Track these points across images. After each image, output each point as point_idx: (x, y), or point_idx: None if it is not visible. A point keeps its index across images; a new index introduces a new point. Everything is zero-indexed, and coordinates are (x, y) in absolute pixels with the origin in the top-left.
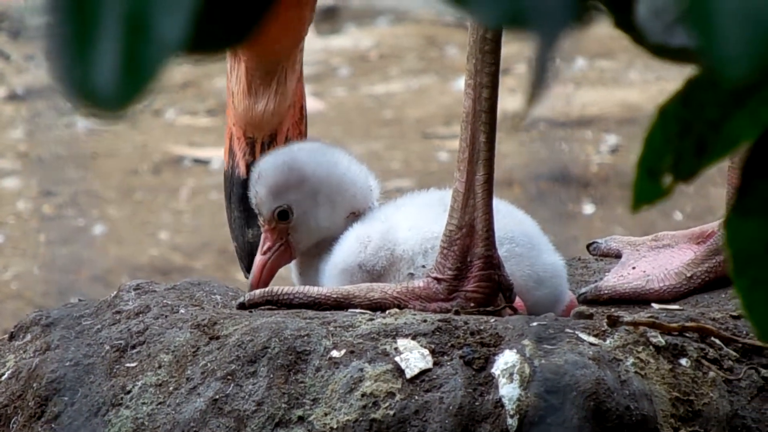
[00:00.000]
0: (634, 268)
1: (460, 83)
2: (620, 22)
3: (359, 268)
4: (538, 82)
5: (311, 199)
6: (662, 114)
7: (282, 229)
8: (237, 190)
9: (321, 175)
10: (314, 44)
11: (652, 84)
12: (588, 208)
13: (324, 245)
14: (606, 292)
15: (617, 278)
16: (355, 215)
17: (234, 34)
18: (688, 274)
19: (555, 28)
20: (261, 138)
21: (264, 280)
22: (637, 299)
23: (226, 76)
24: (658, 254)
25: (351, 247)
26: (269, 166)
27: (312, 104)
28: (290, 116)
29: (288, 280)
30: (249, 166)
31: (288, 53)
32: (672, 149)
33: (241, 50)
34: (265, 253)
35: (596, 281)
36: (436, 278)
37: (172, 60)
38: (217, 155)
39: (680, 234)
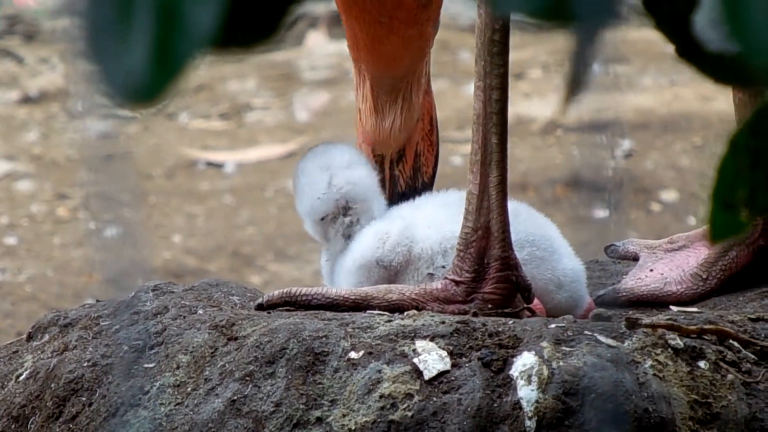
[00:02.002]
0: (651, 270)
1: (473, 87)
2: (684, 51)
3: (377, 263)
4: (577, 80)
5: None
6: (732, 145)
7: None
8: None
9: (296, 183)
10: (327, 48)
11: (665, 89)
12: (601, 213)
13: (329, 249)
14: (624, 294)
15: (635, 281)
16: (331, 221)
17: (261, 30)
18: (704, 276)
19: (597, 24)
20: (390, 154)
21: None
22: (655, 302)
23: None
24: (675, 255)
25: (369, 243)
26: None
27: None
28: (419, 129)
29: (304, 282)
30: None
31: (411, 70)
32: (745, 181)
33: (365, 68)
34: None
35: (614, 284)
36: (453, 280)
37: (202, 54)
38: (230, 159)
39: (693, 234)
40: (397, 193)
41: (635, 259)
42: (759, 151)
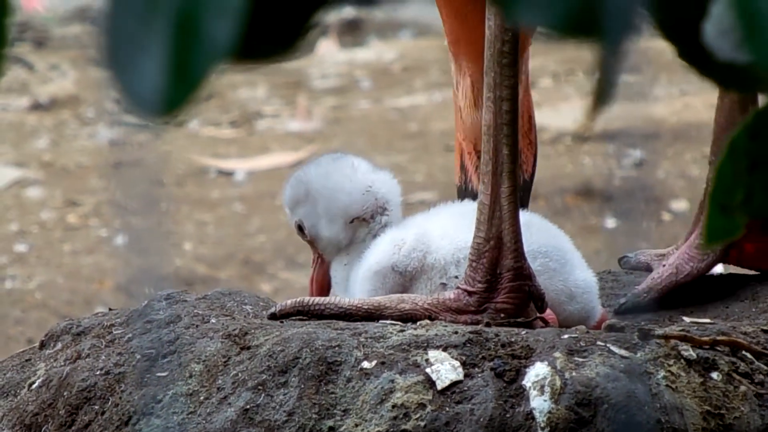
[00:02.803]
0: (664, 266)
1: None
2: (684, 53)
3: (392, 269)
4: (603, 91)
5: (314, 212)
6: (731, 147)
7: (309, 242)
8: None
9: (318, 188)
10: (337, 57)
11: (676, 99)
12: (611, 222)
13: (349, 253)
14: (644, 295)
15: (651, 281)
16: (365, 221)
17: (280, 42)
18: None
19: (622, 35)
20: None
21: (314, 293)
22: (676, 287)
23: (454, 92)
24: (682, 248)
25: (385, 249)
26: (288, 182)
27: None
28: (519, 127)
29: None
30: None
31: None
32: (743, 184)
33: (466, 63)
34: (312, 266)
35: (626, 294)
36: (466, 291)
37: (221, 66)
38: (240, 167)
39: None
40: None
41: (648, 269)
42: (757, 154)
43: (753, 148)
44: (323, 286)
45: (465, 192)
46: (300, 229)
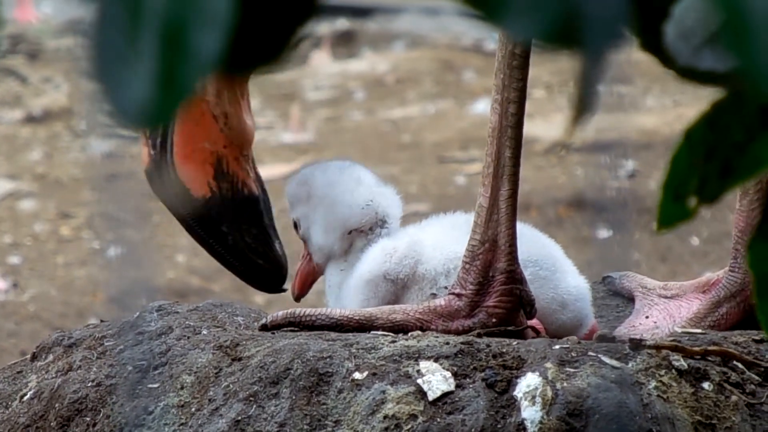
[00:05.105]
0: (647, 317)
1: (477, 107)
2: (647, 44)
3: (384, 277)
4: (583, 103)
5: (311, 216)
6: (688, 137)
7: (302, 238)
8: (249, 210)
9: (320, 194)
10: (331, 68)
11: (669, 109)
12: (604, 233)
13: (346, 260)
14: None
15: (629, 328)
16: (362, 233)
17: (267, 53)
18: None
19: (604, 47)
20: (250, 154)
21: (296, 286)
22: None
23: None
24: (668, 304)
25: (377, 258)
26: (294, 176)
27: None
28: None
29: (308, 302)
30: (257, 184)
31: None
32: (697, 172)
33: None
34: (301, 258)
35: (618, 305)
36: (457, 294)
37: (207, 76)
38: None
39: (688, 284)
40: (264, 189)
41: (630, 296)
42: (713, 143)
43: (710, 138)
44: (306, 282)
45: (222, 201)
46: (296, 225)
